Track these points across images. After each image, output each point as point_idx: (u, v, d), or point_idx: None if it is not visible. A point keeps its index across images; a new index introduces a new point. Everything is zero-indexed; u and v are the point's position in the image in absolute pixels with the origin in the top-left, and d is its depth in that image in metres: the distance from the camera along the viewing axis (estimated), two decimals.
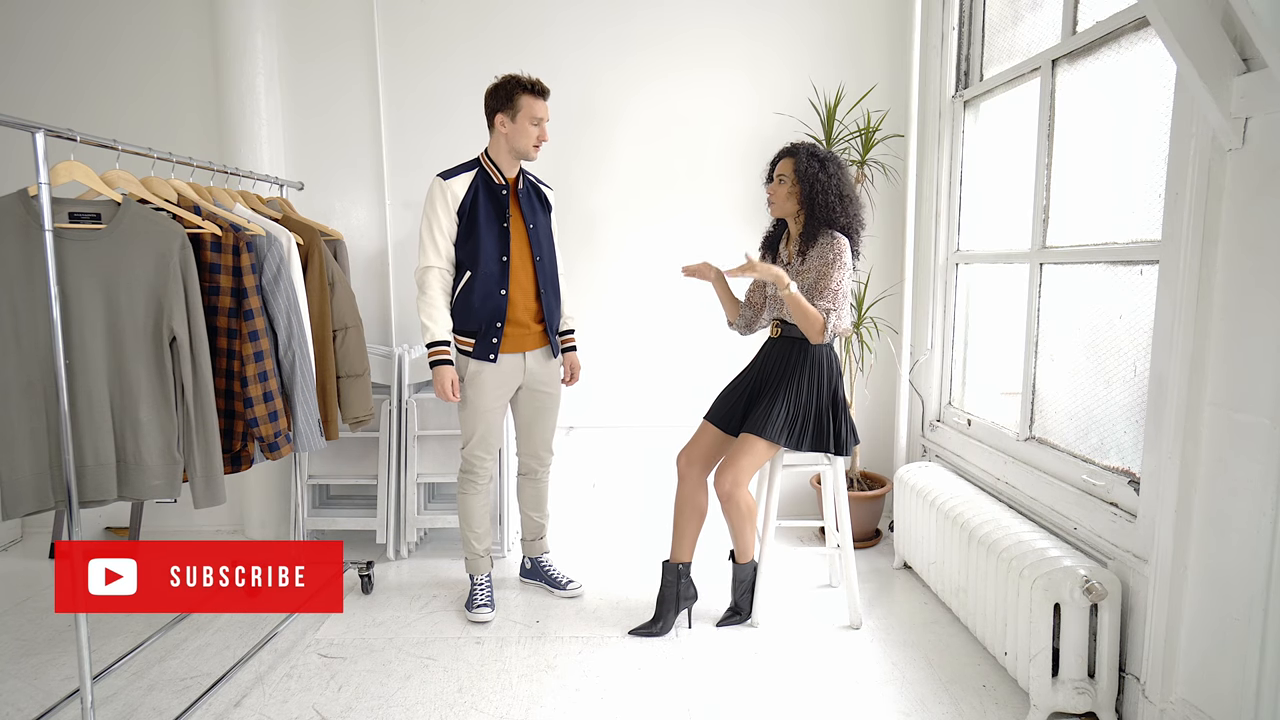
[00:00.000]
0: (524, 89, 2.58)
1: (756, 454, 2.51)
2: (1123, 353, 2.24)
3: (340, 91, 3.54)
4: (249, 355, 2.29)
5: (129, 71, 3.48)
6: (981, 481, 2.89)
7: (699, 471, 2.67)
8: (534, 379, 2.78)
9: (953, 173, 3.31)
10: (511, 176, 2.68)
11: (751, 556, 2.68)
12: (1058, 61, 2.54)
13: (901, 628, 2.69)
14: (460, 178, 2.63)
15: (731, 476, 2.51)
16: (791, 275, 2.54)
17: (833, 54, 3.51)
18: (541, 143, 2.64)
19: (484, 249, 2.61)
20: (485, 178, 2.65)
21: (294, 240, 2.50)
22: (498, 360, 2.66)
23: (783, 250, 2.66)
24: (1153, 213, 2.09)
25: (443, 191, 2.61)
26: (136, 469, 2.05)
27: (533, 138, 2.61)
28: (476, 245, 2.61)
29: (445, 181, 2.62)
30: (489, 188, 2.64)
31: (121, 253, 2.01)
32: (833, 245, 2.45)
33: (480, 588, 2.82)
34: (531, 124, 2.59)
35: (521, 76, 2.59)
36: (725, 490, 2.52)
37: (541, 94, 2.61)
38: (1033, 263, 2.65)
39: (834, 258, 2.44)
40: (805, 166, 2.48)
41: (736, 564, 2.69)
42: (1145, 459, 2.03)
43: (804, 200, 2.50)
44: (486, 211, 2.62)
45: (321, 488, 3.59)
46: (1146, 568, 2.00)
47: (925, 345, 3.45)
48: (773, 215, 2.64)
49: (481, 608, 2.76)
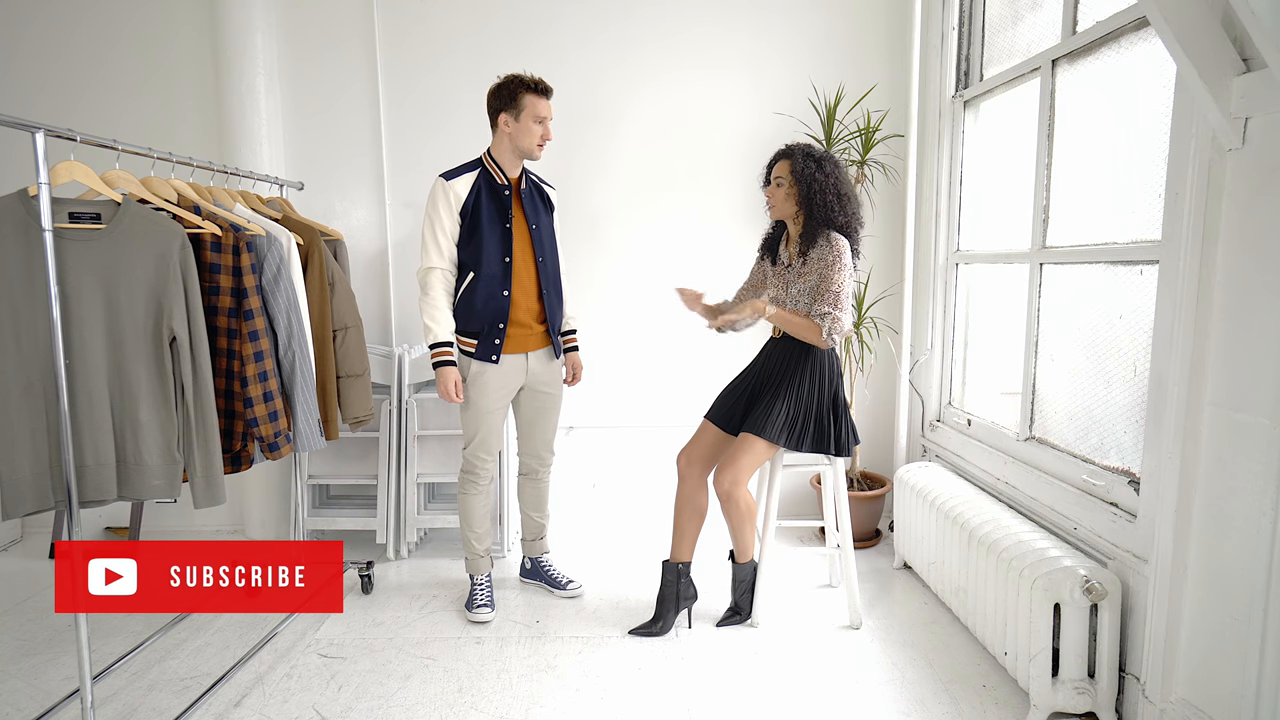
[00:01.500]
0: (527, 88, 2.57)
1: (756, 453, 2.51)
2: (1123, 353, 2.24)
3: (340, 91, 3.54)
4: (249, 355, 2.29)
5: (128, 71, 3.49)
6: (981, 481, 2.89)
7: (699, 471, 2.67)
8: (536, 379, 2.78)
9: (953, 173, 3.31)
10: (514, 176, 2.68)
11: (751, 556, 2.68)
12: (1058, 61, 2.54)
13: (901, 628, 2.69)
14: (463, 178, 2.63)
15: (731, 476, 2.51)
16: (793, 277, 2.56)
17: (833, 54, 3.51)
18: (545, 142, 2.64)
19: (486, 250, 2.60)
20: (488, 178, 2.65)
21: (294, 240, 2.50)
22: (500, 361, 2.66)
23: (782, 251, 2.66)
24: (1153, 213, 2.09)
25: (445, 192, 2.60)
26: (136, 469, 2.05)
27: (536, 136, 2.60)
28: (479, 246, 2.60)
29: (448, 182, 2.61)
30: (491, 188, 2.64)
31: (121, 253, 2.02)
32: (832, 247, 2.46)
33: (480, 588, 2.82)
34: (535, 123, 2.59)
35: (525, 75, 2.58)
36: (725, 490, 2.52)
37: (545, 93, 2.60)
38: (1033, 263, 2.65)
39: (834, 259, 2.44)
40: (802, 167, 2.49)
41: (736, 564, 2.69)
42: (1145, 459, 2.03)
43: (802, 201, 2.51)
44: (489, 212, 2.62)
45: (321, 488, 3.59)
46: (1146, 568, 2.00)
47: (925, 345, 3.46)
48: (772, 218, 2.65)
49: (481, 608, 2.76)
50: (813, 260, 2.50)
